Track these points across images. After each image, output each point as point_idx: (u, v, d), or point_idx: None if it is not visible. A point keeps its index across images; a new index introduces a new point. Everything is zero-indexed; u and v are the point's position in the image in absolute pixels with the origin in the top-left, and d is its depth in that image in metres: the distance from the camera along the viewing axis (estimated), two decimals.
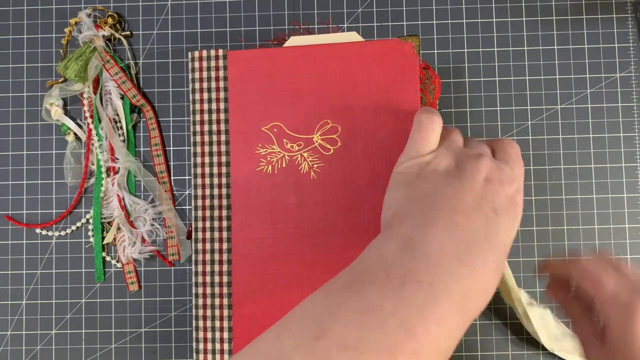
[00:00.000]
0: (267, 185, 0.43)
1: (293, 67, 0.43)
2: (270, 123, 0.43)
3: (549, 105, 0.48)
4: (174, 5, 0.50)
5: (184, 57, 0.49)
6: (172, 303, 0.48)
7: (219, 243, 0.44)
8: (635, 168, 0.48)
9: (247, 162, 0.44)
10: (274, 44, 0.48)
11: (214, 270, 0.43)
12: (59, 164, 0.49)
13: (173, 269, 0.48)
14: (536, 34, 0.49)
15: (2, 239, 0.49)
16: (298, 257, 0.43)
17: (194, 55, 0.45)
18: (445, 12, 0.49)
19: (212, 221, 0.44)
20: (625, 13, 0.49)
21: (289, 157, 0.43)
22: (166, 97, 0.49)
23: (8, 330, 0.48)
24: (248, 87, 0.44)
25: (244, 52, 0.44)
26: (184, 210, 0.49)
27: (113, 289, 0.48)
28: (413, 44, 0.43)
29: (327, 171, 0.43)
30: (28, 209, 0.49)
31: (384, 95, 0.42)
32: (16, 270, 0.49)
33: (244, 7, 0.50)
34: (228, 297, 0.43)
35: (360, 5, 0.49)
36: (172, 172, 0.49)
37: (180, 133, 0.49)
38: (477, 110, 0.49)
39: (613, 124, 0.48)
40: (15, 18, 0.50)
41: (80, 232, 0.49)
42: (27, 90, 0.50)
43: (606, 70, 0.49)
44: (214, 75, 0.44)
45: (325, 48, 0.43)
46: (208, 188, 0.44)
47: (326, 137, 0.43)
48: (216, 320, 0.43)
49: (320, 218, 0.43)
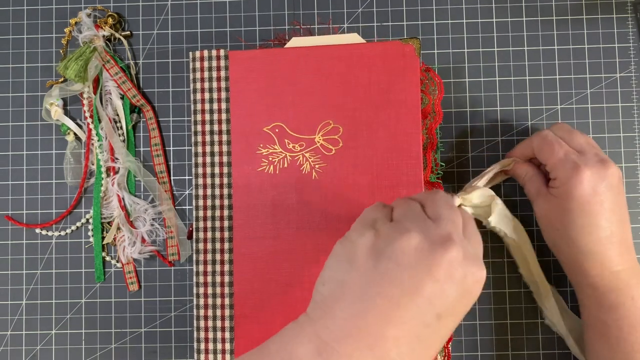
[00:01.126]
0: (269, 185, 0.43)
1: (295, 67, 0.43)
2: (272, 123, 0.44)
3: (549, 105, 0.48)
4: (174, 5, 0.50)
5: (184, 57, 0.49)
6: (172, 303, 0.48)
7: (221, 243, 0.44)
8: (635, 168, 0.48)
9: (248, 162, 0.44)
10: (274, 44, 0.48)
11: (215, 270, 0.44)
12: (59, 164, 0.49)
13: (173, 269, 0.48)
14: (536, 34, 0.49)
15: (2, 239, 0.49)
16: (300, 256, 0.43)
17: (195, 56, 0.45)
18: (445, 12, 0.49)
19: (213, 221, 0.44)
20: (625, 13, 0.49)
21: (291, 157, 0.43)
22: (166, 97, 0.49)
23: (8, 330, 0.48)
24: (249, 88, 0.44)
25: (245, 52, 0.44)
26: (183, 210, 0.49)
27: (113, 289, 0.48)
28: (414, 46, 0.43)
29: (328, 171, 0.43)
30: (28, 209, 0.49)
31: (385, 96, 0.43)
32: (16, 270, 0.49)
33: (244, 7, 0.50)
34: (229, 297, 0.43)
35: (360, 5, 0.49)
36: (172, 172, 0.49)
37: (180, 133, 0.49)
38: (477, 110, 0.49)
39: (613, 124, 0.48)
40: (15, 18, 0.50)
41: (80, 232, 0.49)
42: (27, 90, 0.50)
43: (606, 70, 0.49)
44: (216, 76, 0.44)
45: (327, 49, 0.43)
46: (209, 188, 0.44)
47: (328, 137, 0.43)
48: (217, 320, 0.43)
49: (322, 218, 0.43)
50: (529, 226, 0.47)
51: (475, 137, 0.48)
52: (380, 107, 0.43)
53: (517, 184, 0.47)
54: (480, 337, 0.47)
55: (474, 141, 0.48)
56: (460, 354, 0.47)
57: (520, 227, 0.44)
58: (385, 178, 0.42)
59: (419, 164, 0.42)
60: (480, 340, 0.47)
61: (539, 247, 0.47)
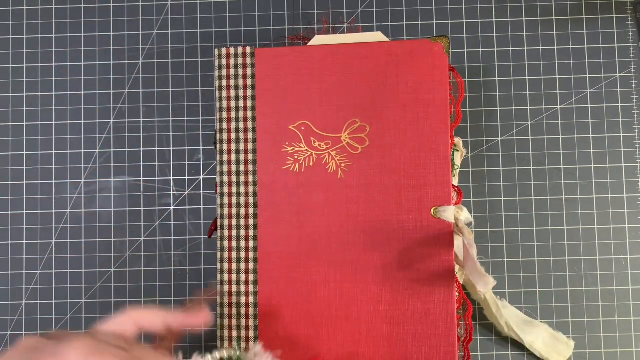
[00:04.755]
0: (294, 183, 0.43)
1: (321, 65, 0.43)
2: (298, 121, 0.43)
3: (549, 105, 0.48)
4: (174, 5, 0.50)
5: (184, 57, 0.49)
6: (172, 303, 0.48)
7: (245, 241, 0.43)
8: (635, 168, 0.48)
9: (274, 160, 0.43)
10: (293, 42, 0.48)
11: (240, 269, 0.43)
12: (59, 164, 0.49)
13: (173, 269, 0.48)
14: (536, 34, 0.49)
15: (2, 239, 0.49)
16: (325, 255, 0.43)
17: (222, 52, 0.44)
18: (445, 12, 0.49)
19: (238, 219, 0.44)
20: (625, 13, 0.49)
21: (317, 155, 0.43)
22: (166, 97, 0.49)
23: (8, 330, 0.48)
24: (275, 85, 0.44)
25: (272, 50, 0.44)
26: (184, 211, 0.49)
27: (113, 289, 0.48)
28: (443, 45, 0.42)
29: (354, 170, 0.43)
30: (28, 209, 0.49)
31: (413, 95, 0.42)
32: (16, 270, 0.49)
33: (244, 7, 0.50)
34: (254, 295, 0.43)
35: (360, 5, 0.49)
36: (172, 172, 0.49)
37: (180, 133, 0.49)
38: (477, 110, 0.49)
39: (613, 124, 0.48)
40: (15, 18, 0.50)
41: (80, 232, 0.49)
42: (27, 90, 0.50)
43: (606, 70, 0.49)
44: (242, 73, 0.44)
45: (354, 47, 0.43)
46: (234, 186, 0.44)
47: (354, 136, 0.43)
48: (242, 318, 0.43)
49: (347, 217, 0.43)
50: (529, 226, 0.48)
51: (475, 137, 0.48)
52: (408, 106, 0.43)
53: (518, 184, 0.47)
54: (481, 337, 0.47)
55: (474, 141, 0.48)
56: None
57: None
58: (412, 177, 0.42)
59: (447, 163, 0.42)
60: (481, 340, 0.47)
61: (539, 247, 0.47)
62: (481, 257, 0.48)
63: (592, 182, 0.48)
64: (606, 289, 0.47)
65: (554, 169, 0.48)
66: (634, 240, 0.47)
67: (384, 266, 0.41)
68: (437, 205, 0.41)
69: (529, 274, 0.48)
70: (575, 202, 0.48)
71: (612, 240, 0.47)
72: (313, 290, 0.42)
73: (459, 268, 0.43)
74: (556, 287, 0.47)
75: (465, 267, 0.39)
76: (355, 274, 0.42)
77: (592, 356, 0.47)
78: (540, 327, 0.46)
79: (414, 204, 0.42)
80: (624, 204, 0.48)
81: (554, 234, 0.48)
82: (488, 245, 0.48)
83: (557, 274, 0.48)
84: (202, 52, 0.50)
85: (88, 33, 0.50)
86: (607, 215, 0.48)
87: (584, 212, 0.48)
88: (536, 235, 0.47)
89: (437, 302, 0.41)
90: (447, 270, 0.40)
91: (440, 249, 0.41)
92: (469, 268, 0.39)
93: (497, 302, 0.45)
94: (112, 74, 0.50)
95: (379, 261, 0.41)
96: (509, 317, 0.45)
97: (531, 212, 0.47)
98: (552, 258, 0.47)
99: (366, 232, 0.42)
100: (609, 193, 0.48)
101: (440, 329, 0.41)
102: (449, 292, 0.40)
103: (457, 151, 0.45)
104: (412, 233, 0.41)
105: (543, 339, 0.46)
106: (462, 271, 0.44)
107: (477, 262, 0.38)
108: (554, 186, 0.48)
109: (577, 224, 0.48)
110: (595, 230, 0.48)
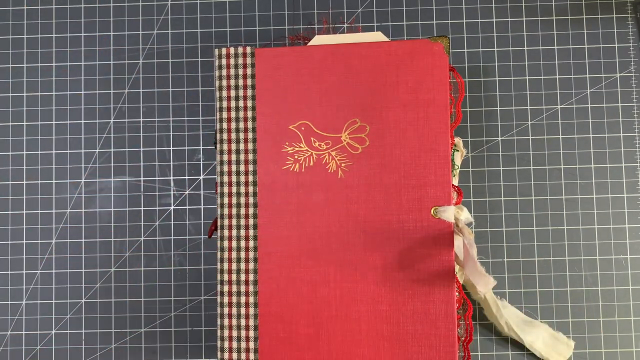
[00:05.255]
0: (294, 183, 0.43)
1: (321, 65, 0.43)
2: (298, 121, 0.43)
3: (549, 105, 0.48)
4: (174, 5, 0.50)
5: (183, 57, 0.49)
6: (172, 303, 0.48)
7: (246, 241, 0.43)
8: (635, 168, 0.48)
9: (274, 160, 0.43)
10: (293, 42, 0.48)
11: (240, 269, 0.43)
12: (59, 164, 0.49)
13: (173, 269, 0.48)
14: (536, 34, 0.49)
15: (2, 239, 0.49)
16: (325, 255, 0.43)
17: (222, 52, 0.44)
18: (445, 12, 0.49)
19: (238, 219, 0.44)
20: (625, 13, 0.49)
21: (317, 155, 0.43)
22: (166, 97, 0.49)
23: (8, 330, 0.48)
24: (276, 85, 0.44)
25: (272, 50, 0.44)
26: (184, 211, 0.49)
27: (113, 289, 0.48)
28: (443, 45, 0.43)
29: (355, 170, 0.43)
30: (28, 209, 0.49)
31: (413, 95, 0.43)
32: (16, 270, 0.49)
33: (244, 7, 0.50)
34: (254, 295, 0.43)
35: (360, 5, 0.49)
36: (172, 172, 0.49)
37: (180, 133, 0.49)
38: (477, 110, 0.49)
39: (613, 124, 0.48)
40: (15, 18, 0.50)
41: (80, 232, 0.49)
42: (27, 90, 0.50)
43: (606, 70, 0.49)
44: (242, 73, 0.44)
45: (354, 47, 0.43)
46: (234, 186, 0.44)
47: (354, 136, 0.43)
48: (242, 318, 0.43)
49: (348, 217, 0.43)
50: (529, 226, 0.48)
51: (475, 137, 0.48)
52: (408, 106, 0.43)
53: (518, 184, 0.47)
54: (481, 337, 0.47)
55: (474, 141, 0.48)
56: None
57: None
58: (412, 177, 0.42)
59: (447, 163, 0.42)
60: (481, 340, 0.47)
61: (539, 247, 0.47)
62: (481, 257, 0.48)
63: (592, 182, 0.48)
64: (606, 289, 0.47)
65: (554, 169, 0.48)
66: (634, 240, 0.47)
67: (384, 266, 0.41)
68: (437, 205, 0.41)
69: (529, 274, 0.48)
70: (575, 202, 0.48)
71: (612, 240, 0.48)
72: (313, 290, 0.42)
73: (459, 268, 0.43)
74: (556, 287, 0.47)
75: (465, 267, 0.39)
76: (355, 274, 0.42)
77: (592, 356, 0.47)
78: (540, 327, 0.46)
79: (414, 204, 0.42)
80: (624, 204, 0.48)
81: (554, 234, 0.48)
82: (488, 245, 0.48)
83: (557, 274, 0.48)
84: (202, 52, 0.50)
85: (88, 33, 0.50)
86: (607, 215, 0.48)
87: (584, 212, 0.48)
88: (536, 235, 0.48)
89: (437, 302, 0.41)
90: (447, 270, 0.40)
91: (440, 249, 0.41)
92: (469, 268, 0.39)
93: (497, 302, 0.45)
94: (112, 74, 0.50)
95: (379, 261, 0.41)
96: (509, 317, 0.45)
97: (531, 212, 0.47)
98: (552, 258, 0.47)
99: (366, 232, 0.42)
100: (609, 193, 0.48)
101: (440, 329, 0.41)
102: (449, 292, 0.40)
103: (457, 151, 0.45)
104: (412, 233, 0.41)
105: (543, 339, 0.46)
106: (462, 271, 0.44)
107: (477, 262, 0.38)
108: (554, 186, 0.48)
109: (577, 224, 0.48)
110: (595, 230, 0.48)
